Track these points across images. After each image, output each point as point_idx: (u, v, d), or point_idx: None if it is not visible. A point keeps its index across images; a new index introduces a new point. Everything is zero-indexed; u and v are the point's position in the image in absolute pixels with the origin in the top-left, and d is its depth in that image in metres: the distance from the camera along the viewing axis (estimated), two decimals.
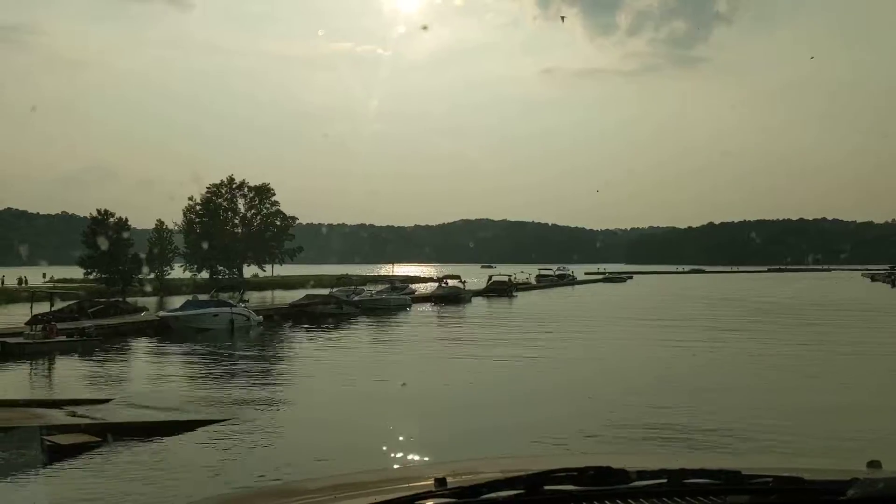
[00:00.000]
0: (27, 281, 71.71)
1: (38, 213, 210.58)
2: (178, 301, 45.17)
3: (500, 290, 68.01)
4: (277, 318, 42.28)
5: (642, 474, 1.62)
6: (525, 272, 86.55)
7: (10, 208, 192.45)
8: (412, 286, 70.05)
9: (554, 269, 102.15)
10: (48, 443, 12.49)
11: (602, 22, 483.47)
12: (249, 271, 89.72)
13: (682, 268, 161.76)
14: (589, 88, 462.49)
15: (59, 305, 37.97)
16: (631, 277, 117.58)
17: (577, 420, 15.24)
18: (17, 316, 36.66)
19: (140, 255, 65.44)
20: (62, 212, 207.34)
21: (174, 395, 19.06)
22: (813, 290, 75.89)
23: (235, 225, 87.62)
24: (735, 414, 15.78)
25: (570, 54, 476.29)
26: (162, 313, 38.68)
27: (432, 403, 18.32)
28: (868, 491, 1.47)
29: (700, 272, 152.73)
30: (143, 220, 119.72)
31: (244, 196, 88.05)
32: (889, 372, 22.68)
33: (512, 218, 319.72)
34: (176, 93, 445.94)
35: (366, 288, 57.87)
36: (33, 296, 40.93)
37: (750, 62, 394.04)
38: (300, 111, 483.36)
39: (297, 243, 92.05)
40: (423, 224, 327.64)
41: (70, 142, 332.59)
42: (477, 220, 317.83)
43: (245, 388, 20.41)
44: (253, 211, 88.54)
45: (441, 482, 1.69)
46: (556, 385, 20.62)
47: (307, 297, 47.29)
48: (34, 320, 31.38)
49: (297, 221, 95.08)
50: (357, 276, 71.84)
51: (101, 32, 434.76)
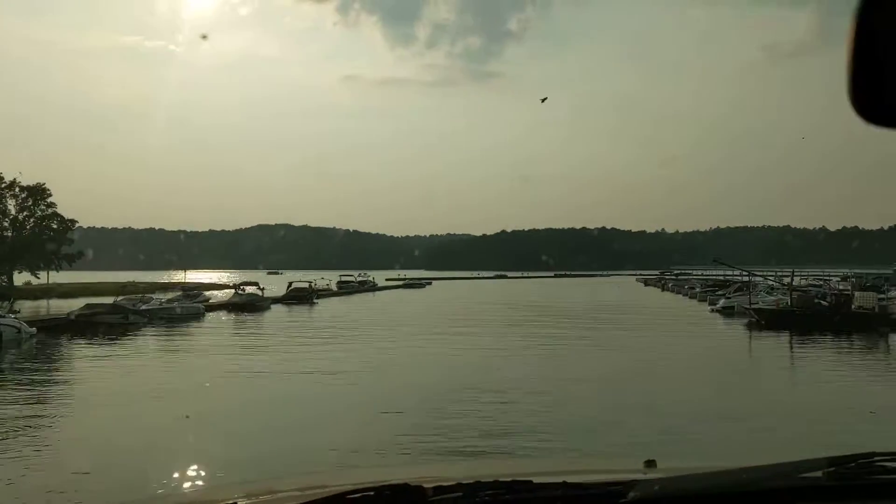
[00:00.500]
0: None
1: None
2: None
3: (300, 297, 67.31)
4: (54, 330, 38.69)
5: (438, 490, 1.63)
6: (325, 279, 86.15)
7: None
8: (206, 293, 67.44)
9: (355, 276, 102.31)
10: None
11: (402, 32, 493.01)
12: (21, 278, 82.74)
13: (481, 273, 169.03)
14: (391, 97, 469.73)
15: None
16: (430, 283, 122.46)
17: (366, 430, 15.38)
18: None
19: None
20: None
21: None
22: (595, 294, 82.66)
23: (5, 228, 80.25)
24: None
25: (371, 62, 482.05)
26: None
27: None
28: (647, 492, 1.60)
29: (503, 277, 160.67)
30: None
31: (15, 197, 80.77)
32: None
33: (314, 224, 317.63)
34: None
35: (154, 296, 54.89)
36: None
37: (539, 78, 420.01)
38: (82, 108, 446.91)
39: (78, 247, 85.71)
40: (219, 229, 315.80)
41: None
42: (276, 224, 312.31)
43: None
44: (25, 213, 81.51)
45: None
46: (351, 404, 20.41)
47: (87, 305, 43.81)
48: None
49: (78, 224, 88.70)
50: (145, 283, 67.97)
51: None
